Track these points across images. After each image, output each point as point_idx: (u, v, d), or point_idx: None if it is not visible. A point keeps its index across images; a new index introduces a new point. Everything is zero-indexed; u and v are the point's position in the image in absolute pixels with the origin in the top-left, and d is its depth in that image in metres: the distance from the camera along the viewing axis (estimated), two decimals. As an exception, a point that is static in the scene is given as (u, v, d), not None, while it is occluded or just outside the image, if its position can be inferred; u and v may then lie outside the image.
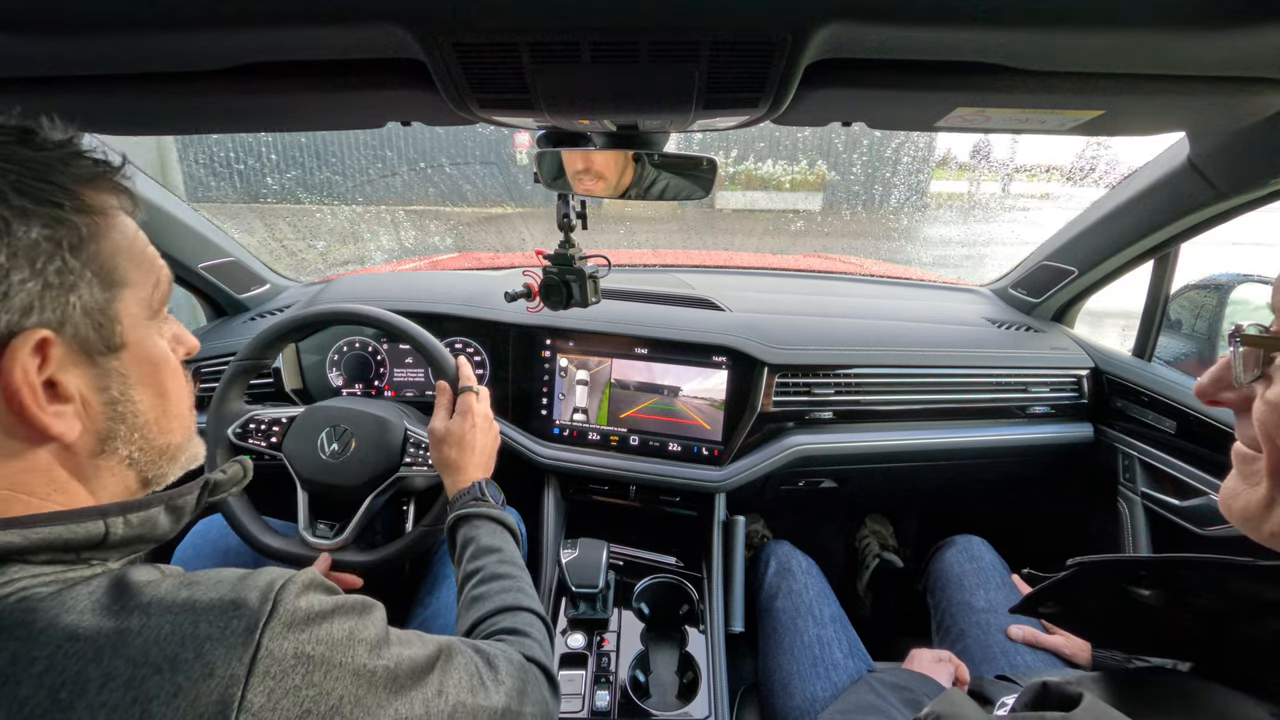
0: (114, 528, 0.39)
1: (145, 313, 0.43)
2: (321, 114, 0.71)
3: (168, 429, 0.46)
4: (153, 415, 0.44)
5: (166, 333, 0.47)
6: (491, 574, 0.68)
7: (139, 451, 0.44)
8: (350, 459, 0.91)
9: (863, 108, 0.65)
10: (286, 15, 0.46)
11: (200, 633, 0.34)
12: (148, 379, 0.43)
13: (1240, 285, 1.09)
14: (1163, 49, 0.50)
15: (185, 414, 0.48)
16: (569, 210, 0.92)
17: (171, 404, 0.46)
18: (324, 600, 0.40)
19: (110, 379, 0.41)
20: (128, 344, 0.41)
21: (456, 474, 0.81)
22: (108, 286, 0.40)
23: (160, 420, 0.45)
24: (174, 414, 0.46)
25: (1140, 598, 0.55)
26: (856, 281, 1.59)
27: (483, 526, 0.74)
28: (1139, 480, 1.13)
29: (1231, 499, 0.43)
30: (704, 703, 0.91)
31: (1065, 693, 0.44)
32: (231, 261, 1.27)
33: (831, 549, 1.65)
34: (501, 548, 0.72)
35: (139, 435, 0.43)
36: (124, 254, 0.42)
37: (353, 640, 0.40)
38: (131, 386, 0.42)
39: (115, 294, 0.40)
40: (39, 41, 0.50)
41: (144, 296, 0.43)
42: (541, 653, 0.61)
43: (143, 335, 0.43)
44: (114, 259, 0.41)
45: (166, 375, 0.45)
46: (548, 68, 0.51)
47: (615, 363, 1.16)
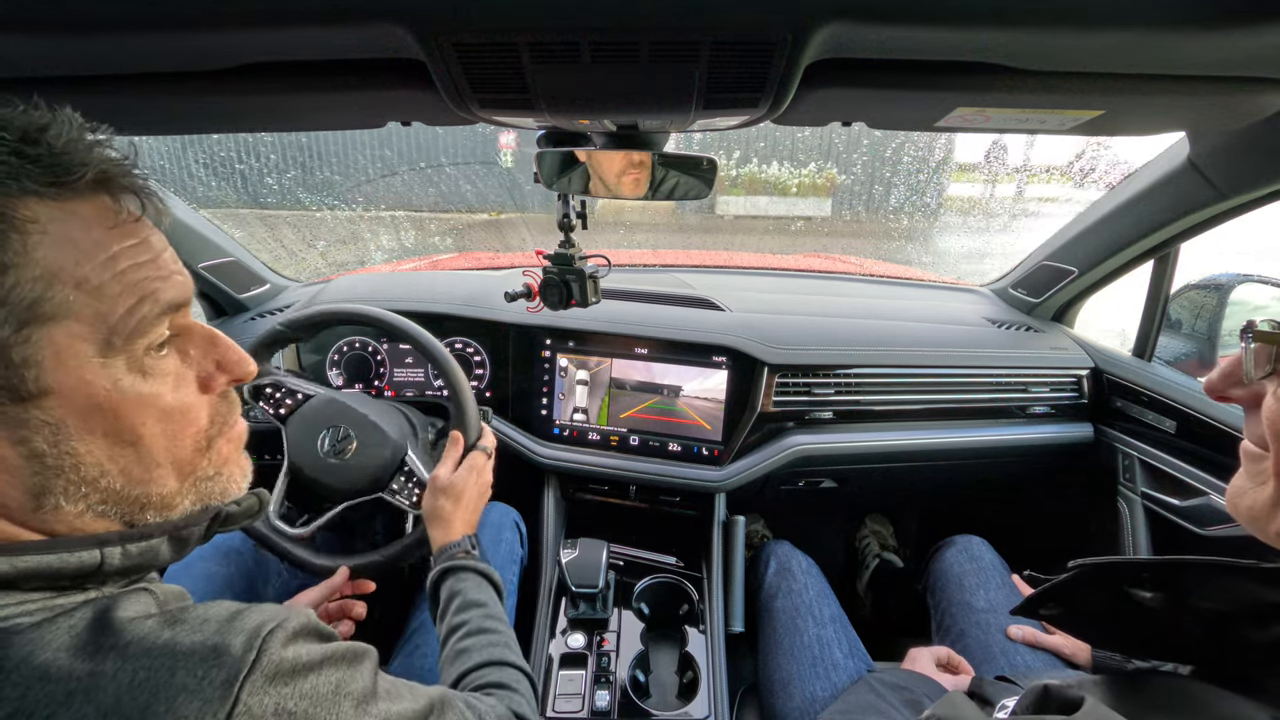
0: (110, 558, 0.36)
1: (96, 349, 0.35)
2: (321, 114, 0.71)
3: (142, 479, 0.38)
4: (113, 466, 0.37)
5: (161, 365, 0.39)
6: (478, 628, 0.67)
7: (101, 504, 0.37)
8: (341, 465, 0.91)
9: (863, 108, 0.65)
10: (286, 15, 0.46)
11: (176, 682, 0.32)
12: (97, 427, 0.36)
13: (1240, 285, 1.09)
14: (1163, 49, 0.50)
15: (185, 459, 0.40)
16: (569, 210, 0.92)
17: (152, 452, 0.38)
18: (312, 650, 0.38)
19: (30, 430, 0.34)
20: (54, 389, 0.34)
21: (445, 526, 0.80)
22: (16, 322, 0.32)
23: (129, 471, 0.38)
24: (155, 462, 0.39)
25: (1141, 600, 0.55)
26: (856, 281, 1.59)
27: (469, 579, 0.73)
28: (1139, 480, 1.13)
29: (1238, 497, 0.43)
30: (704, 703, 0.91)
31: (1066, 696, 0.44)
32: (231, 261, 1.27)
33: (831, 549, 1.65)
34: (487, 603, 0.71)
35: (89, 489, 0.36)
36: (65, 277, 0.34)
37: (339, 695, 0.38)
38: (69, 438, 0.35)
39: (32, 331, 0.33)
40: (39, 41, 0.50)
41: (95, 329, 0.35)
42: (529, 709, 0.60)
43: (90, 377, 0.35)
44: (39, 285, 0.33)
45: (141, 420, 0.37)
46: (548, 68, 0.51)
47: (615, 363, 1.16)
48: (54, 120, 0.35)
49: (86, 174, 0.35)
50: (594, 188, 0.82)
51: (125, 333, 0.36)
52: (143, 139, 0.98)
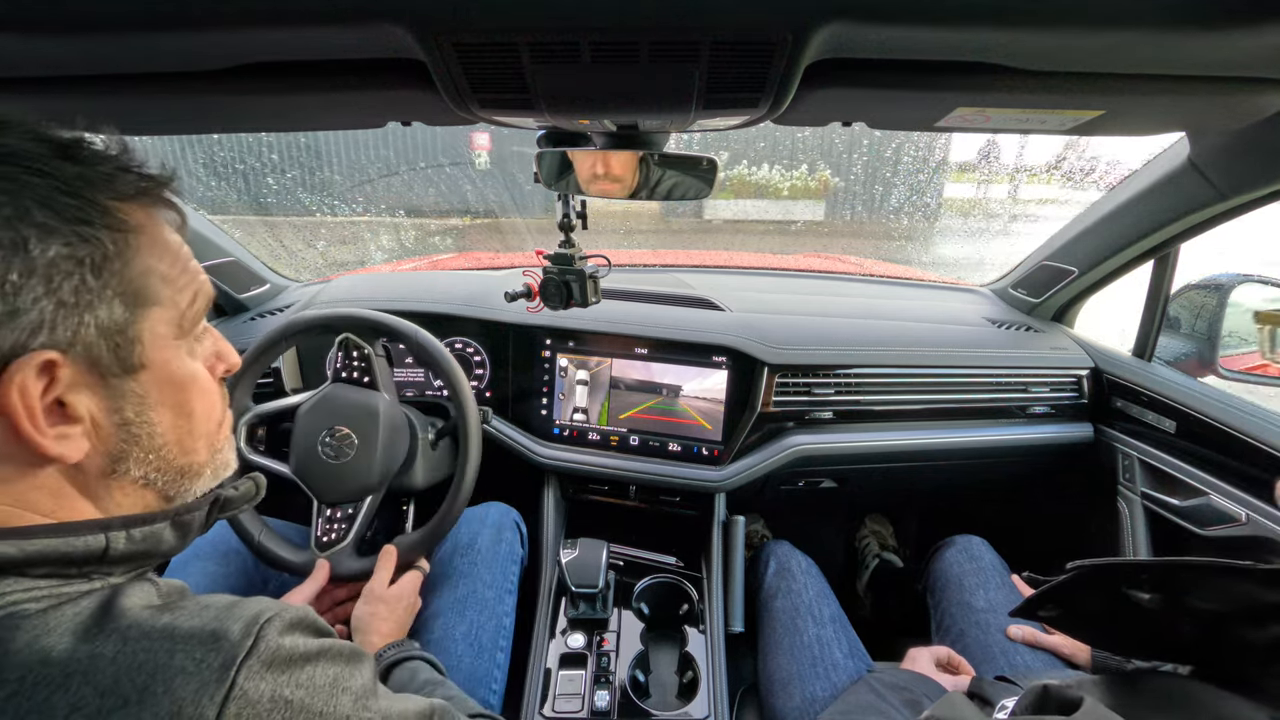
0: (115, 542, 0.38)
1: (173, 332, 0.42)
2: (321, 114, 0.71)
3: (190, 449, 0.44)
4: (173, 436, 0.42)
5: (202, 350, 0.45)
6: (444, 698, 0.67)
7: (155, 472, 0.42)
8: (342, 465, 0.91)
9: (863, 108, 0.65)
10: (287, 15, 0.46)
11: (174, 664, 0.32)
12: (169, 400, 0.42)
13: (1240, 285, 1.09)
14: (1163, 49, 0.50)
15: (213, 432, 0.46)
16: (569, 210, 0.92)
17: (197, 424, 0.44)
18: (310, 642, 0.39)
19: (125, 400, 0.39)
20: (148, 365, 0.40)
21: (372, 634, 0.79)
22: (132, 306, 0.38)
23: (182, 441, 0.43)
24: (199, 434, 0.45)
25: (1140, 601, 0.55)
26: (856, 281, 1.59)
27: (423, 668, 0.74)
28: (1139, 480, 1.13)
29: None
30: (704, 703, 0.91)
31: (1065, 696, 0.44)
32: (232, 261, 1.27)
33: (831, 549, 1.65)
34: (443, 680, 0.72)
35: (155, 456, 0.42)
36: (157, 272, 0.40)
37: (336, 688, 0.39)
38: (150, 408, 0.41)
39: (140, 314, 0.39)
40: (39, 41, 0.50)
41: (173, 315, 0.41)
42: None
43: (168, 355, 0.41)
44: (144, 278, 0.39)
45: (193, 395, 0.43)
46: (548, 68, 0.51)
47: (615, 363, 1.16)
48: (119, 141, 0.41)
49: (151, 186, 0.41)
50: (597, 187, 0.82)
51: (190, 320, 0.43)
52: (143, 139, 0.98)
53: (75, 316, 0.36)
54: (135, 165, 0.40)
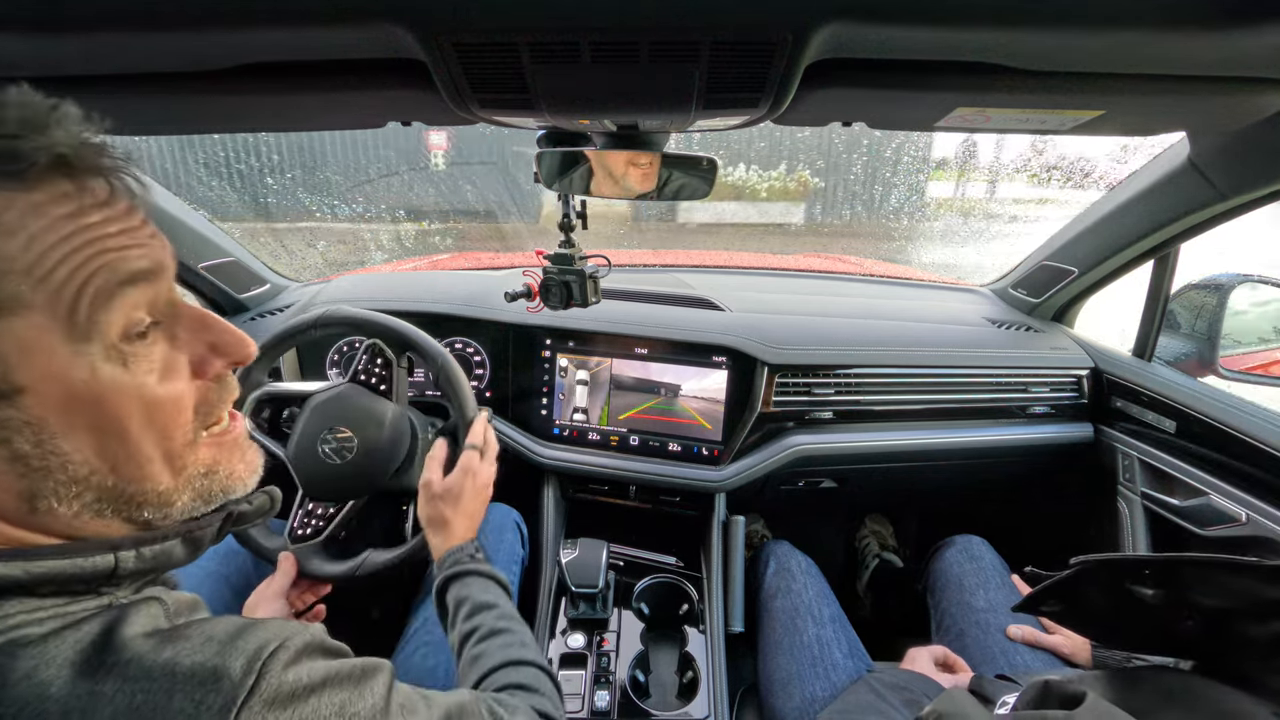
0: (124, 561, 0.35)
1: (63, 336, 0.33)
2: (321, 114, 0.71)
3: (135, 476, 0.37)
4: (102, 464, 0.35)
5: (143, 351, 0.36)
6: (491, 630, 0.65)
7: (98, 504, 0.36)
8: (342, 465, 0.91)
9: (863, 108, 0.65)
10: (286, 15, 0.46)
11: (173, 707, 0.31)
12: (81, 422, 0.34)
13: (1240, 285, 1.09)
14: (1163, 49, 0.50)
15: (176, 451, 0.38)
16: (569, 210, 0.92)
17: (142, 445, 0.36)
18: (315, 669, 0.37)
19: (10, 431, 0.32)
20: (27, 386, 0.32)
21: (446, 532, 0.77)
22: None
23: (120, 468, 0.36)
24: (147, 456, 0.37)
25: (1143, 597, 0.55)
26: (856, 281, 1.59)
27: (475, 584, 0.71)
28: (1139, 480, 1.13)
29: None
30: (704, 703, 0.91)
31: (1067, 691, 0.44)
32: (232, 261, 1.27)
33: (831, 549, 1.65)
34: (497, 603, 0.69)
35: (83, 488, 0.35)
36: (14, 269, 0.31)
37: (344, 715, 0.37)
38: (52, 436, 0.33)
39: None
40: (39, 41, 0.50)
41: (57, 315, 0.32)
42: (552, 707, 0.58)
43: (60, 368, 0.33)
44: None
45: (126, 412, 0.35)
46: (548, 68, 0.51)
47: (615, 363, 1.16)
48: (6, 101, 0.32)
49: (39, 159, 0.32)
50: (598, 187, 0.82)
51: (84, 311, 0.33)
52: (143, 139, 0.97)
53: None
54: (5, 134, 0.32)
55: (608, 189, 0.82)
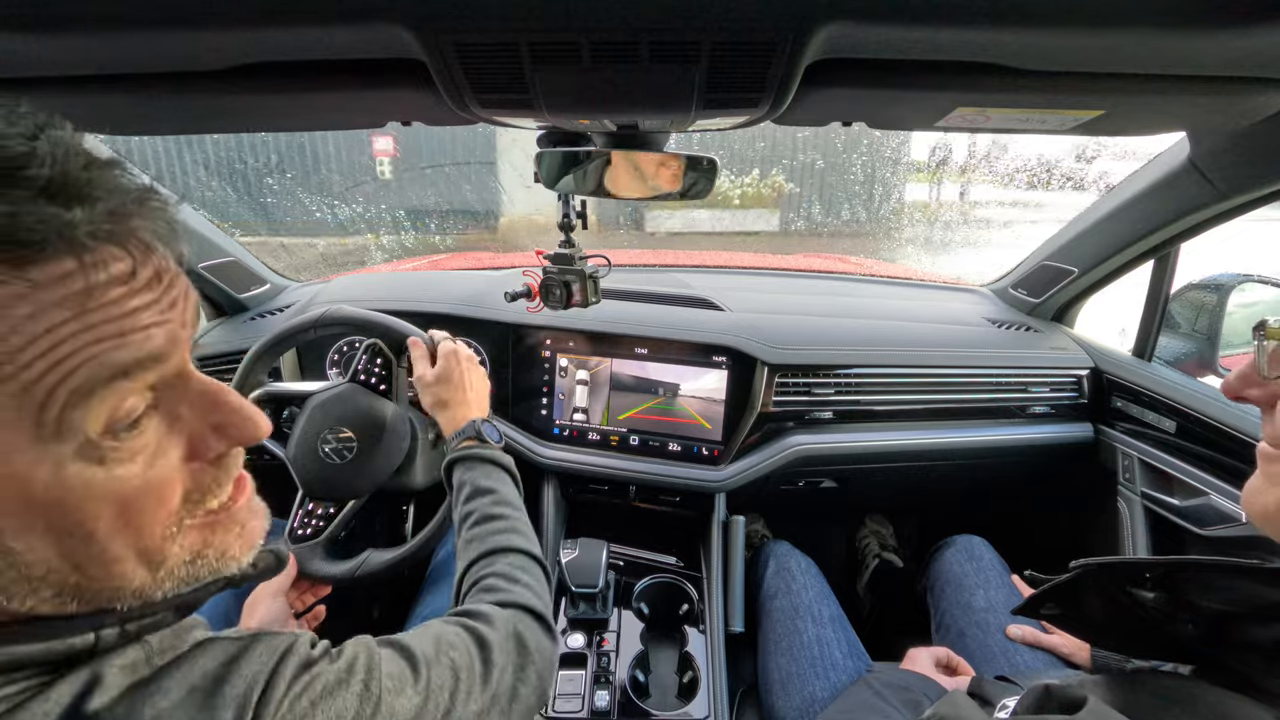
0: (106, 640, 0.32)
1: (28, 435, 0.28)
2: (321, 114, 0.71)
3: (103, 574, 0.32)
4: (64, 563, 0.30)
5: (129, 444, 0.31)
6: (485, 515, 0.67)
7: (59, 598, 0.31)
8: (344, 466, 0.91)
9: (863, 108, 0.65)
10: (286, 15, 0.46)
11: None
12: (38, 524, 0.29)
13: (1240, 285, 1.09)
14: (1163, 49, 0.50)
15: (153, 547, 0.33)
16: (569, 210, 0.92)
17: (110, 546, 0.31)
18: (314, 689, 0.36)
19: None
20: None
21: (451, 412, 0.80)
22: None
23: (86, 566, 0.31)
24: (117, 556, 0.32)
25: (1143, 600, 0.55)
26: (856, 281, 1.59)
27: (478, 468, 0.73)
28: (1139, 480, 1.13)
29: (1253, 497, 0.43)
30: (703, 703, 0.91)
31: (1068, 696, 0.44)
32: (232, 261, 1.27)
33: (831, 549, 1.65)
34: (496, 489, 0.71)
35: (42, 585, 0.30)
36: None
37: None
38: (7, 536, 0.29)
39: None
40: (39, 41, 0.49)
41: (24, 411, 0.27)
42: (533, 596, 0.58)
43: (22, 469, 0.28)
44: None
45: (93, 513, 0.30)
46: (548, 68, 0.51)
47: (615, 362, 1.16)
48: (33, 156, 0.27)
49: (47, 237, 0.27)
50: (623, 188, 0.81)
51: (55, 410, 0.28)
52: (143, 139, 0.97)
53: None
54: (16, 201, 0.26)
55: (634, 189, 0.81)
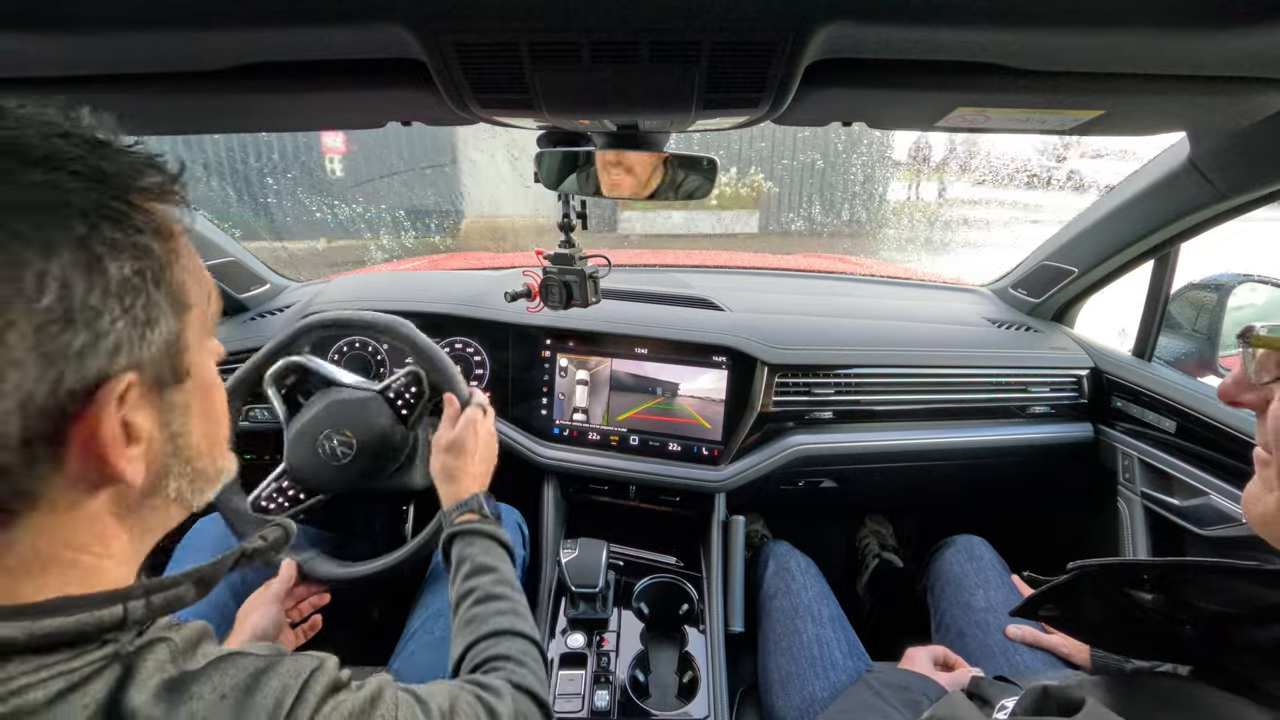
0: (133, 612, 0.35)
1: (202, 335, 0.39)
2: (321, 114, 0.71)
3: (214, 454, 0.42)
4: (205, 444, 0.40)
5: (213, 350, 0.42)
6: (486, 594, 0.66)
7: (186, 483, 0.40)
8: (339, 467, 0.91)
9: (863, 107, 0.65)
10: (286, 15, 0.46)
11: None
12: (201, 406, 0.40)
13: (1240, 285, 1.09)
14: (1163, 49, 0.50)
15: (225, 438, 0.44)
16: (569, 210, 0.92)
17: (220, 427, 0.42)
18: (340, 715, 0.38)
19: (173, 413, 0.37)
20: (192, 370, 0.38)
21: (454, 483, 0.80)
22: (179, 313, 0.36)
23: (211, 448, 0.41)
24: (221, 437, 0.43)
25: (1141, 601, 0.55)
26: (856, 281, 1.59)
27: (478, 544, 0.72)
28: (1139, 480, 1.13)
29: (1252, 503, 0.43)
30: (703, 703, 0.91)
31: (1066, 697, 0.44)
32: (232, 262, 1.27)
33: (831, 549, 1.65)
34: (497, 567, 0.70)
35: (190, 467, 0.39)
36: (190, 272, 0.38)
37: None
38: (190, 417, 0.38)
39: (183, 319, 0.36)
40: (38, 41, 0.49)
41: (202, 316, 0.39)
42: (534, 680, 0.59)
43: (202, 359, 0.39)
44: (183, 282, 0.37)
45: (218, 398, 0.42)
46: (548, 68, 0.51)
47: (615, 362, 1.16)
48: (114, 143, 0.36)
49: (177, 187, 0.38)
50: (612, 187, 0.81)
51: (213, 319, 0.41)
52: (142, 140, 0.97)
53: (143, 333, 0.33)
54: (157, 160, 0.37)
55: (622, 188, 0.81)
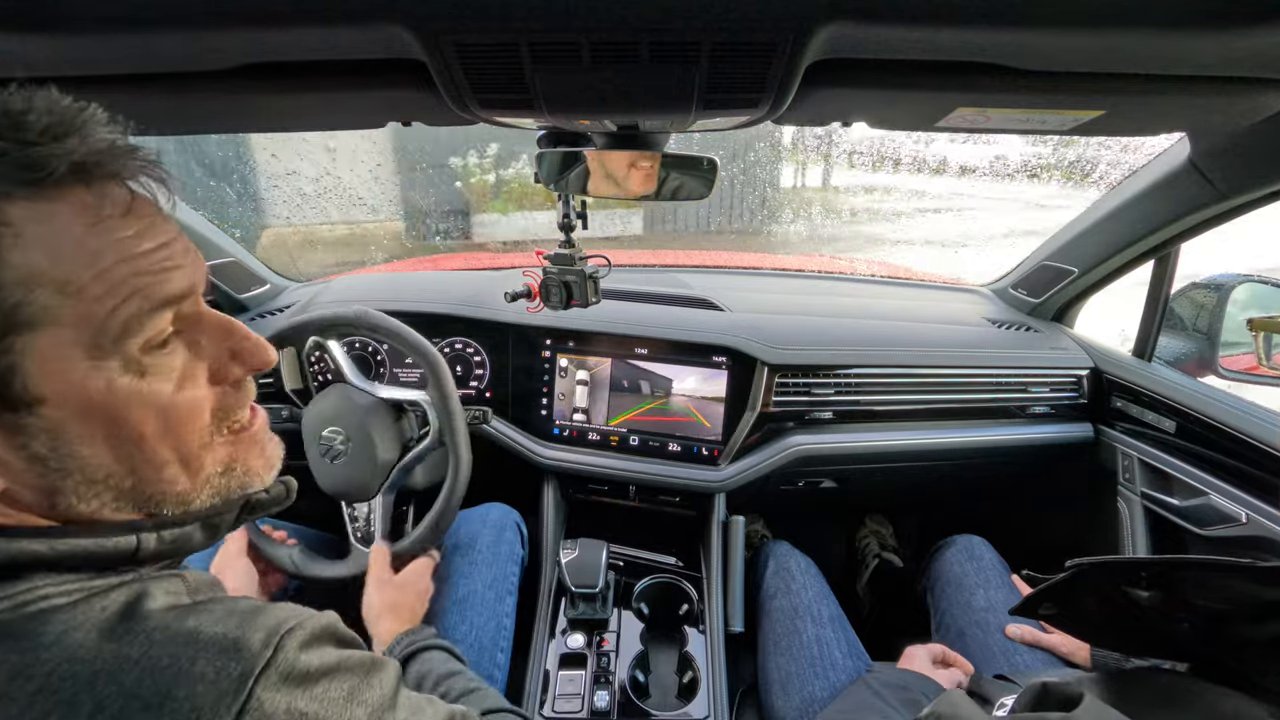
0: (145, 543, 0.37)
1: (85, 352, 0.33)
2: (321, 114, 0.71)
3: (154, 479, 0.38)
4: (120, 467, 0.36)
5: (162, 362, 0.37)
6: (463, 690, 0.66)
7: (117, 501, 0.37)
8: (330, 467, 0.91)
9: (863, 108, 0.65)
10: (287, 15, 0.46)
11: (195, 671, 0.32)
12: (96, 430, 0.35)
13: (1241, 285, 1.09)
14: (1163, 49, 0.50)
15: (192, 454, 0.39)
16: (569, 210, 0.92)
17: (159, 451, 0.37)
18: (328, 655, 0.38)
19: (27, 435, 0.33)
20: (46, 397, 0.33)
21: (397, 617, 0.79)
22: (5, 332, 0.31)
23: (139, 470, 0.37)
24: (164, 460, 0.38)
25: (1138, 599, 0.55)
26: (856, 281, 1.59)
27: (436, 657, 0.71)
28: (1139, 480, 1.13)
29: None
30: (703, 703, 0.91)
31: (1065, 693, 0.44)
32: (232, 262, 1.27)
33: (831, 549, 1.65)
34: (461, 670, 0.70)
35: (102, 489, 0.36)
36: (46, 281, 0.32)
37: (351, 701, 0.38)
38: (69, 441, 0.34)
39: (14, 340, 0.32)
40: (38, 41, 0.49)
41: (83, 332, 0.33)
42: None
43: (81, 380, 0.34)
44: (17, 292, 0.31)
45: (141, 419, 0.36)
46: (548, 68, 0.51)
47: (615, 363, 1.16)
48: (31, 107, 0.32)
49: (59, 168, 0.32)
50: (598, 188, 0.82)
51: (113, 334, 0.34)
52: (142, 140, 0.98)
53: None
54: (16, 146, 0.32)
55: (607, 189, 0.82)
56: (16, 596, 0.32)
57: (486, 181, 4.88)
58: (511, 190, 4.90)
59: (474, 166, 4.85)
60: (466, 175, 4.89)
